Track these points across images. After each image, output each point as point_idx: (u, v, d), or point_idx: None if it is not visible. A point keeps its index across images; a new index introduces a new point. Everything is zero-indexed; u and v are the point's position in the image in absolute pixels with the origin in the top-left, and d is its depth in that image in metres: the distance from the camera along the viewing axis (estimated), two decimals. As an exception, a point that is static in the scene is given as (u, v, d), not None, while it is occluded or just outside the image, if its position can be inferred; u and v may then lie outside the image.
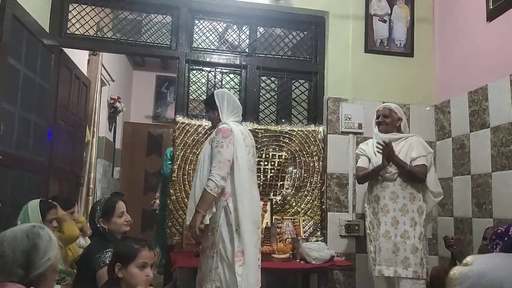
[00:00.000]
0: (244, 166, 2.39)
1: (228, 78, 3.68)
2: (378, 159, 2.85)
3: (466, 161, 3.26)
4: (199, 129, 3.38)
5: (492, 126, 3.01)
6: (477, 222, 3.09)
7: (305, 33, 3.80)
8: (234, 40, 3.74)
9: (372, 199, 2.89)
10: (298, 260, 3.03)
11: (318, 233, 3.45)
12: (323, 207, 3.47)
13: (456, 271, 1.11)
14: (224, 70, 3.66)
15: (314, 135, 3.55)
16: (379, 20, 3.69)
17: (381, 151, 2.74)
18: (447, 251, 3.02)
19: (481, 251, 2.70)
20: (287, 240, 3.23)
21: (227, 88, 3.63)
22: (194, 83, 3.61)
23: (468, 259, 1.15)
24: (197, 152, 3.33)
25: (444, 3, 3.68)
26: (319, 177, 3.51)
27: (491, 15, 3.07)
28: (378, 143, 2.78)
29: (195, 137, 3.37)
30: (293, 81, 3.77)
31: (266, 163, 3.47)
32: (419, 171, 2.76)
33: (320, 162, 3.52)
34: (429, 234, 2.96)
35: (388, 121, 2.90)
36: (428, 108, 3.71)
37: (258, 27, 3.72)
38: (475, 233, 3.08)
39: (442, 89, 3.63)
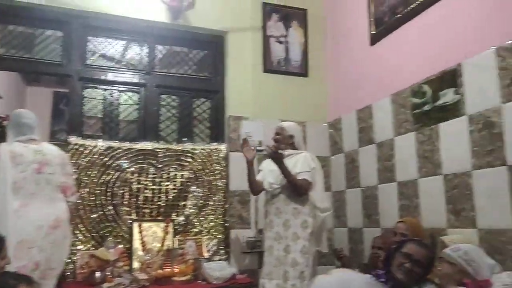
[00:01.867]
0: (4, 185, 2.40)
1: (125, 97, 3.57)
2: (267, 174, 2.95)
3: (357, 174, 3.49)
4: (94, 150, 3.23)
5: (377, 142, 3.27)
6: (367, 231, 3.32)
7: (206, 52, 3.84)
8: (131, 58, 3.65)
9: (264, 214, 2.99)
10: (200, 281, 2.99)
11: (222, 252, 3.45)
12: (226, 225, 3.48)
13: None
14: (122, 88, 3.55)
15: (217, 153, 3.57)
16: (276, 41, 3.84)
17: (269, 155, 2.80)
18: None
19: (372, 259, 2.89)
20: (189, 261, 3.18)
21: (125, 106, 3.53)
22: (89, 101, 3.45)
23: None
24: (92, 175, 3.17)
25: (334, 27, 3.94)
26: (222, 195, 3.52)
27: (374, 39, 3.35)
28: (267, 146, 2.84)
29: (90, 159, 3.21)
30: (194, 100, 3.77)
31: (167, 183, 3.40)
32: (302, 184, 2.82)
33: (223, 180, 3.54)
34: (325, 248, 3.00)
35: (279, 138, 3.00)
36: (323, 125, 3.92)
37: (157, 45, 3.68)
38: (366, 242, 3.30)
39: (335, 107, 3.87)
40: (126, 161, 3.30)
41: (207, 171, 3.52)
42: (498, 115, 2.31)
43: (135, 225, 3.20)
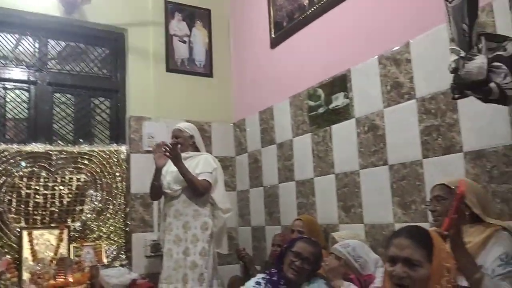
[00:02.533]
0: None
1: (13, 94, 3.29)
2: (167, 175, 2.91)
3: (260, 174, 3.58)
4: (-25, 154, 2.94)
5: (278, 142, 3.37)
6: (269, 229, 3.42)
7: (104, 49, 3.67)
8: (21, 53, 3.37)
9: (162, 218, 2.94)
10: (97, 289, 2.86)
11: (123, 257, 3.33)
12: (127, 229, 3.37)
13: None
14: (8, 86, 3.27)
15: (117, 155, 3.43)
16: (179, 40, 3.79)
17: (168, 154, 2.76)
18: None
19: (271, 257, 2.98)
20: (85, 269, 3.03)
21: (14, 105, 3.26)
22: (-30, 99, 3.13)
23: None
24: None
25: (238, 29, 3.99)
26: (122, 199, 3.40)
27: (274, 43, 3.45)
28: (165, 144, 2.78)
29: (-29, 163, 2.92)
30: (92, 99, 3.59)
31: (62, 187, 3.20)
32: (201, 183, 2.81)
33: (123, 183, 3.42)
34: (225, 250, 3.02)
35: (180, 141, 2.97)
36: (228, 125, 3.95)
37: (49, 40, 3.44)
38: (268, 240, 3.39)
39: (239, 108, 3.92)
40: (14, 164, 3.05)
41: (106, 173, 3.37)
42: (380, 118, 2.50)
43: (25, 233, 2.98)
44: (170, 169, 2.89)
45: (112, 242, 3.32)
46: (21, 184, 3.06)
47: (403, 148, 2.35)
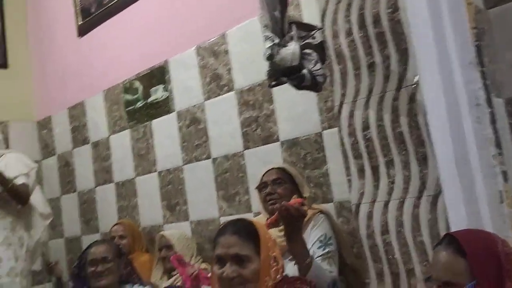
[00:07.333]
0: None
1: None
2: None
3: (72, 178, 3.18)
4: None
5: (92, 141, 3.04)
6: (86, 239, 3.05)
7: None
8: None
9: None
10: None
11: None
12: None
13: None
14: None
15: None
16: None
17: None
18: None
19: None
20: None
21: None
22: None
23: None
24: None
25: (38, 14, 3.47)
26: None
27: (82, 31, 3.10)
28: None
29: None
30: None
31: None
32: (24, 190, 2.42)
33: None
34: (38, 266, 2.65)
35: None
36: (30, 124, 3.41)
37: None
38: (86, 251, 3.03)
39: (43, 104, 3.42)
40: None
41: None
42: (202, 111, 2.44)
43: None
44: None
45: None
46: None
47: (225, 140, 2.34)
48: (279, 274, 1.21)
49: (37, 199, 2.56)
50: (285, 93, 2.05)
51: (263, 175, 1.82)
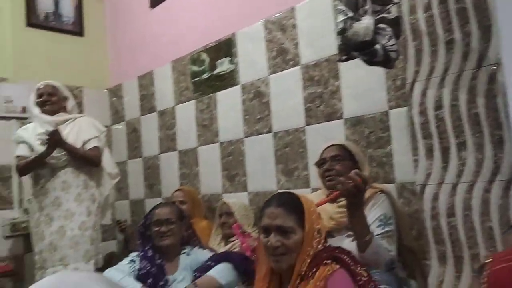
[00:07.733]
0: None
1: None
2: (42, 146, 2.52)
3: (139, 144, 3.33)
4: None
5: (159, 110, 3.16)
6: (149, 202, 3.22)
7: None
8: None
9: (39, 192, 2.54)
10: None
11: (-26, 240, 2.86)
12: (-21, 207, 2.89)
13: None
14: None
15: (-36, 121, 2.89)
16: (41, -10, 3.29)
17: (47, 142, 2.40)
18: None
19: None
20: None
21: None
22: None
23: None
24: None
25: (114, -16, 3.61)
26: (-28, 173, 2.89)
27: (154, 2, 3.18)
28: (40, 134, 2.43)
29: None
30: None
31: None
32: (95, 155, 2.55)
33: (-26, 155, 2.90)
34: (108, 220, 2.83)
35: (54, 100, 2.56)
36: (102, 91, 3.59)
37: None
38: (148, 214, 3.20)
39: (115, 72, 3.58)
40: None
41: (-49, 143, 2.83)
42: (266, 85, 2.45)
43: None
44: (36, 131, 2.49)
45: (-41, 224, 2.82)
46: None
47: (288, 115, 2.35)
48: (321, 244, 1.26)
49: (105, 160, 2.68)
50: (352, 70, 2.02)
51: (323, 152, 1.82)
